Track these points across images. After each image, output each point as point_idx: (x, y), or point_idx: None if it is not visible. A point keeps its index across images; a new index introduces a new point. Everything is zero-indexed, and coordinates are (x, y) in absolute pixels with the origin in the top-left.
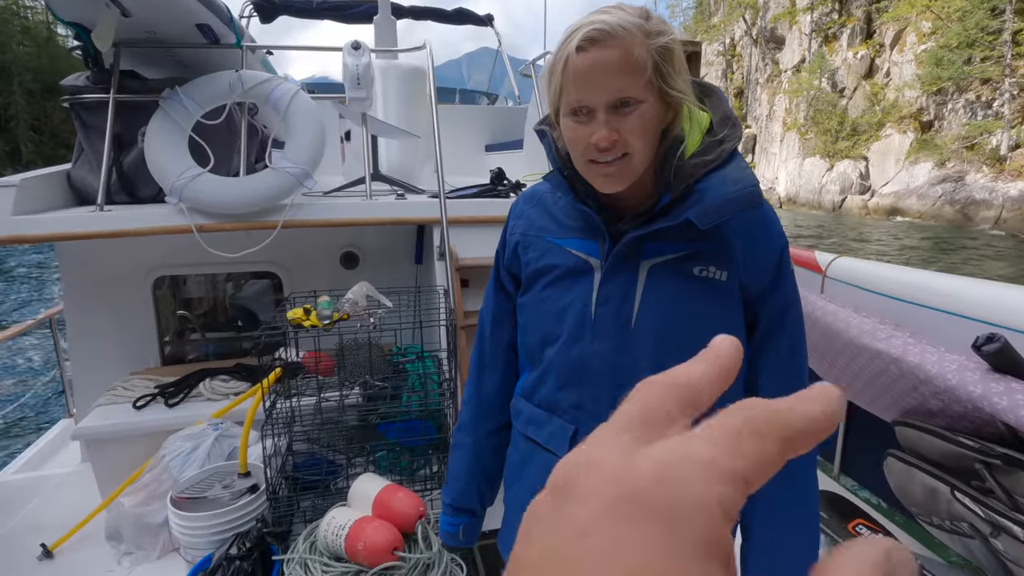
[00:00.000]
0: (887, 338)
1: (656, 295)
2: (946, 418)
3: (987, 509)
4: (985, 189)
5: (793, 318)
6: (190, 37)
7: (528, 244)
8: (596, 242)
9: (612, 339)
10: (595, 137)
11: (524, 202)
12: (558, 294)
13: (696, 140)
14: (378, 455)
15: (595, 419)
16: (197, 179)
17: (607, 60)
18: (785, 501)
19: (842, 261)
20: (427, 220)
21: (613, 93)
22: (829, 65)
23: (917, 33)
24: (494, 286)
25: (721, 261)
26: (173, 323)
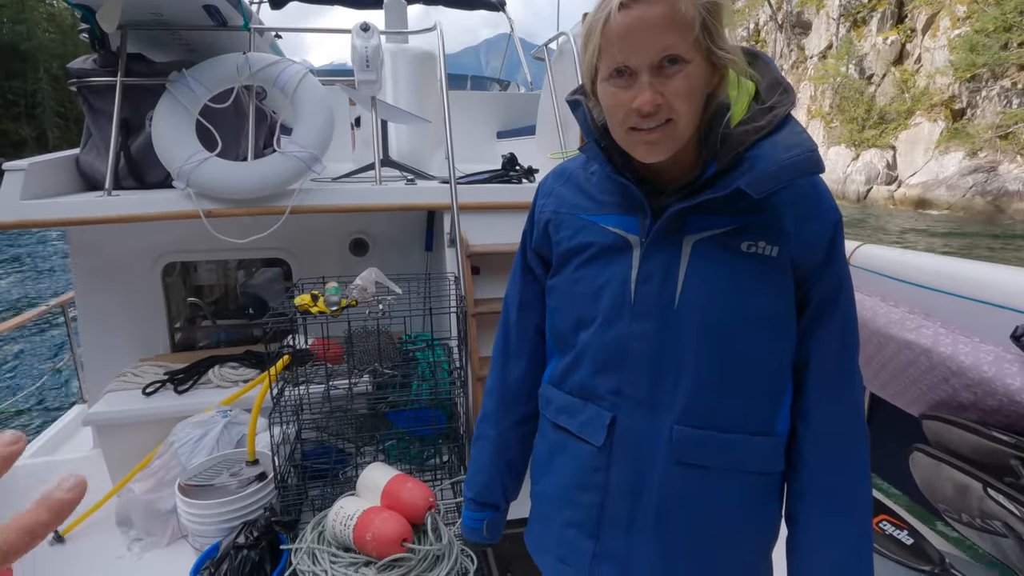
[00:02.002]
0: (917, 328)
1: (701, 272)
2: (978, 411)
3: (1022, 507)
4: (1019, 180)
5: (846, 297)
6: (197, 19)
7: (560, 222)
8: (635, 217)
9: (654, 320)
10: (638, 101)
11: (554, 180)
12: (594, 273)
13: (743, 107)
14: (388, 444)
15: (635, 405)
16: (204, 164)
17: (652, 16)
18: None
19: (867, 248)
20: (437, 206)
21: (658, 51)
22: (857, 51)
23: (951, 17)
24: (521, 269)
25: (771, 236)
26: (184, 310)
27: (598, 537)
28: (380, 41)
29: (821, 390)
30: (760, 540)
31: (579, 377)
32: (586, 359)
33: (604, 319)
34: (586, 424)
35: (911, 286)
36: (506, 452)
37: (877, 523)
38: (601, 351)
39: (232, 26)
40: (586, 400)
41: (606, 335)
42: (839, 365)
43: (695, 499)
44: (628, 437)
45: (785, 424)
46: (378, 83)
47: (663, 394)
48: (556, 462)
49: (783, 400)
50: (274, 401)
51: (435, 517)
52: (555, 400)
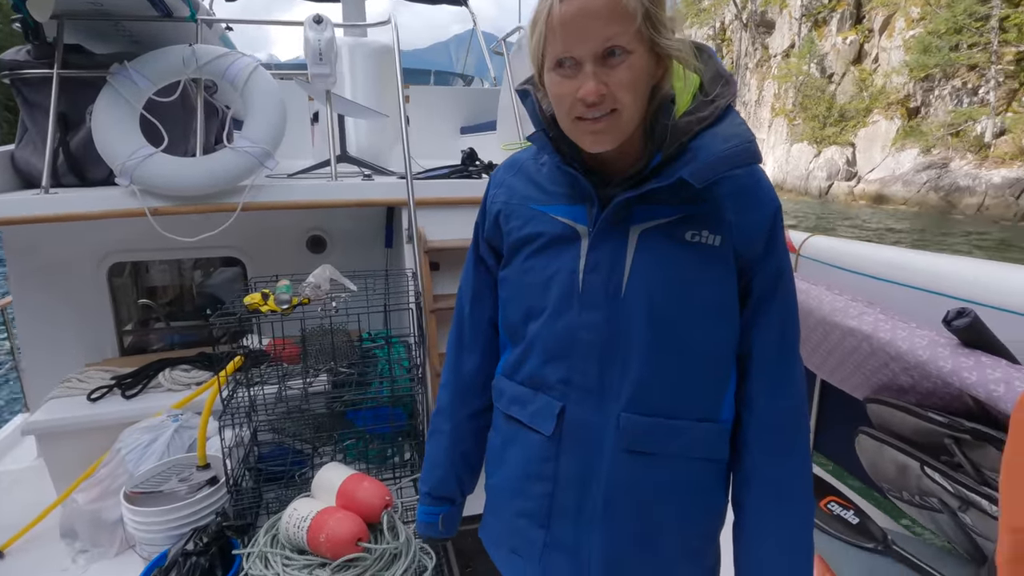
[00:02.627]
0: (859, 315)
1: (647, 261)
2: (916, 394)
3: (956, 484)
4: (969, 176)
5: (786, 286)
6: (139, 10)
7: (510, 213)
8: (583, 207)
9: (602, 309)
10: (582, 91)
11: (505, 171)
12: (543, 264)
13: (687, 99)
14: (347, 444)
15: (584, 394)
16: (149, 159)
17: (595, 6)
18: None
19: (815, 240)
20: (395, 202)
21: (601, 42)
22: (818, 50)
23: (906, 19)
24: (473, 261)
25: (714, 225)
26: (135, 312)
27: (548, 527)
28: (334, 34)
29: (763, 377)
30: (707, 525)
31: (530, 368)
32: (536, 349)
33: (553, 309)
34: (536, 414)
35: (855, 275)
36: (461, 445)
37: (825, 504)
38: (550, 341)
39: (178, 17)
40: (537, 390)
41: (555, 325)
42: (780, 353)
43: (643, 487)
44: (577, 426)
45: (730, 411)
46: (332, 77)
47: (611, 383)
48: (508, 453)
49: (727, 387)
50: (224, 403)
51: (391, 515)
52: (507, 391)
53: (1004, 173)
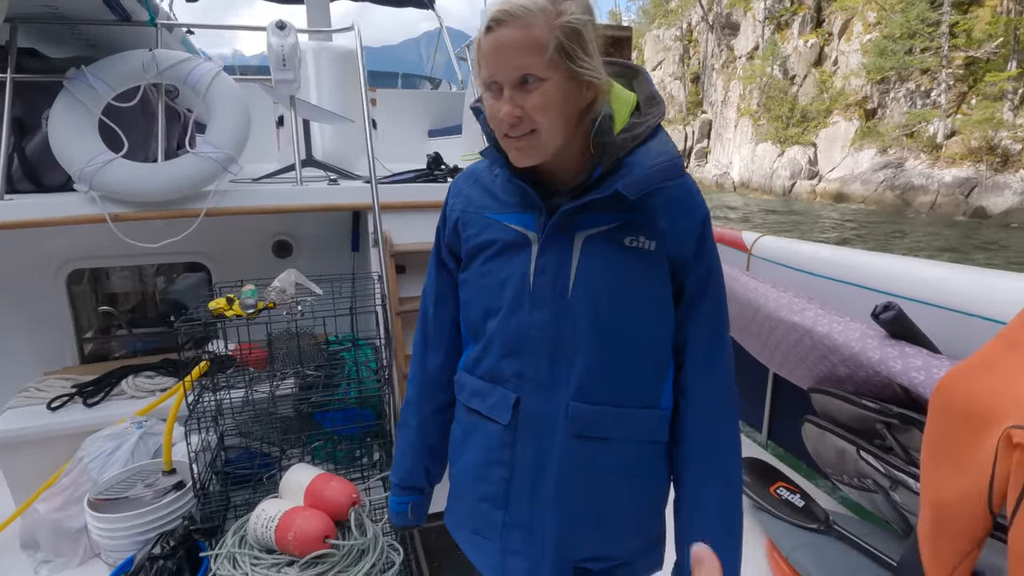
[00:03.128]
0: (801, 311)
1: (591, 265)
2: (853, 383)
3: (887, 465)
4: (922, 175)
5: (715, 286)
6: (96, 13)
7: (468, 221)
8: (533, 215)
9: (550, 308)
10: (501, 112)
11: (463, 180)
12: (498, 267)
13: (625, 117)
14: (315, 445)
15: (536, 386)
16: (109, 165)
17: (509, 39)
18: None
19: (765, 240)
20: (360, 206)
21: (516, 70)
22: (781, 52)
23: (863, 23)
24: (436, 265)
25: (649, 232)
26: (95, 319)
27: (507, 508)
28: (297, 40)
29: (697, 367)
30: (651, 501)
31: (488, 363)
32: (494, 346)
33: (508, 309)
34: (495, 405)
35: (799, 272)
36: (427, 438)
37: (775, 489)
38: (506, 338)
39: (136, 21)
40: (495, 383)
41: (510, 323)
42: (712, 345)
43: (591, 469)
44: (530, 415)
45: (668, 399)
46: (296, 82)
47: (560, 375)
48: (469, 443)
49: (666, 377)
50: (190, 408)
51: (359, 512)
52: (468, 385)
53: (955, 172)
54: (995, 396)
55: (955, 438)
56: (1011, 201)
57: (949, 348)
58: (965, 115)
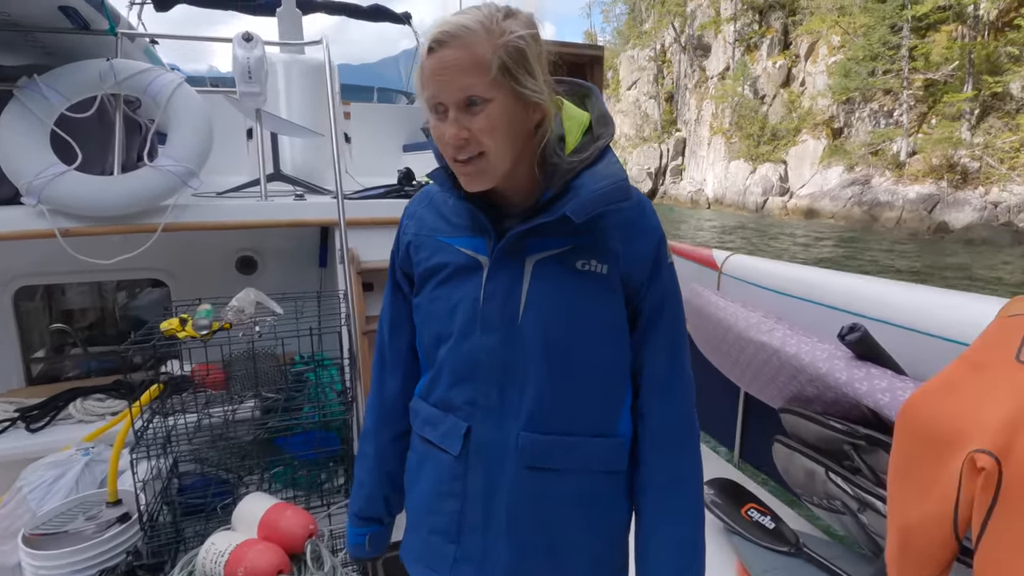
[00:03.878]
0: (769, 330)
1: (541, 289)
2: (821, 404)
3: (854, 487)
4: (888, 192)
5: (672, 309)
6: (52, 21)
7: (420, 244)
8: (483, 239)
9: (499, 333)
10: (447, 135)
11: (417, 203)
12: (449, 292)
13: (577, 137)
14: (275, 472)
15: (487, 414)
16: (61, 177)
17: (451, 60)
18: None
19: (736, 259)
20: (327, 222)
21: (459, 91)
22: (751, 73)
23: (828, 46)
24: (391, 288)
25: (601, 255)
26: (47, 338)
27: (459, 542)
28: (264, 52)
29: (654, 392)
30: (609, 532)
31: (440, 390)
32: (444, 373)
33: (458, 335)
34: (446, 434)
35: (768, 292)
36: (385, 466)
37: (745, 511)
38: (457, 364)
39: (95, 30)
40: (446, 412)
41: (460, 349)
42: (670, 369)
43: (544, 501)
44: (481, 445)
45: (627, 426)
46: (262, 95)
47: (510, 403)
48: (422, 473)
49: (623, 404)
50: (136, 435)
51: (316, 544)
52: (422, 412)
53: (918, 189)
54: (958, 419)
55: (920, 461)
56: (971, 217)
57: (914, 369)
58: (926, 134)
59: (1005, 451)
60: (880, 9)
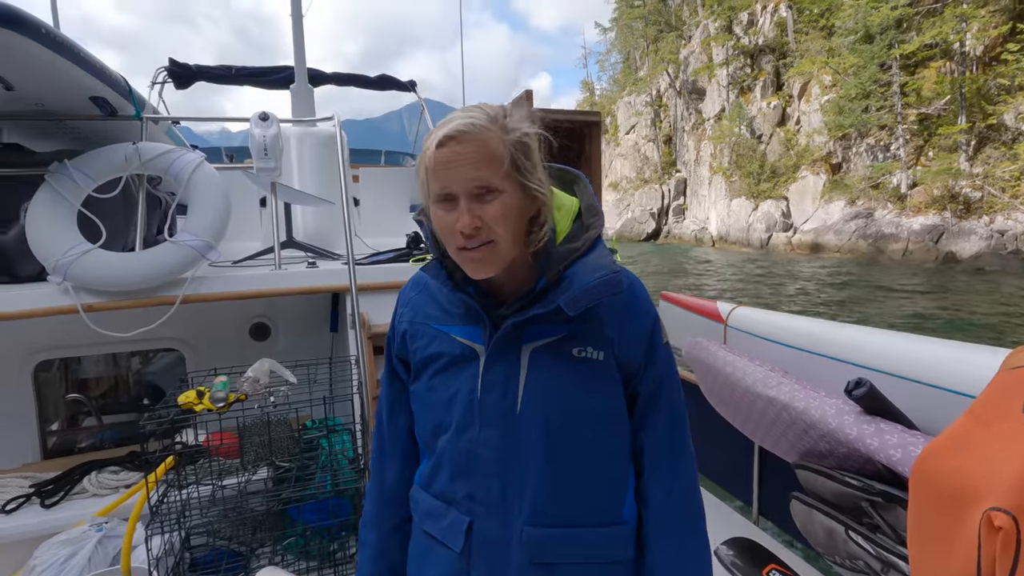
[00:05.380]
0: (777, 385)
1: (539, 378)
2: (835, 459)
3: (876, 546)
4: (892, 224)
5: (670, 390)
6: (84, 109)
7: (415, 332)
8: (479, 328)
9: (498, 426)
10: (459, 223)
11: (411, 289)
12: (446, 382)
13: (566, 226)
14: (286, 543)
15: (488, 509)
16: (86, 256)
17: (465, 153)
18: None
19: (741, 311)
20: (339, 288)
21: (473, 182)
22: (747, 114)
23: (820, 85)
24: (388, 374)
25: (596, 341)
26: (62, 409)
27: None
28: (279, 130)
29: (657, 473)
30: None
31: (440, 482)
32: (444, 465)
33: (456, 426)
34: (447, 529)
35: (774, 344)
36: (387, 557)
37: (767, 572)
38: (456, 457)
39: (123, 116)
40: (448, 504)
41: (459, 442)
42: (671, 451)
43: None
44: (484, 541)
45: (631, 511)
46: (278, 170)
47: (512, 497)
48: (425, 567)
49: (627, 488)
50: (152, 510)
51: None
52: (422, 503)
53: (922, 220)
54: (971, 476)
55: (938, 520)
56: (978, 246)
57: (923, 422)
58: (924, 166)
59: (1021, 509)
60: (868, 49)
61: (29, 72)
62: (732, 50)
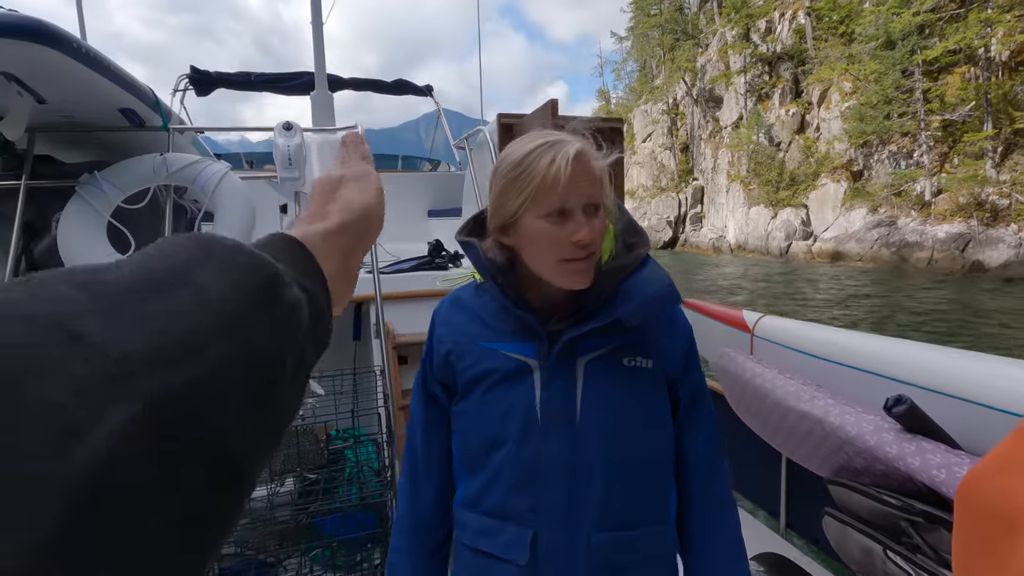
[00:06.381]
0: (810, 399)
1: (596, 389)
2: (871, 476)
3: (917, 568)
4: (916, 232)
5: (706, 398)
6: (112, 121)
7: (462, 352)
8: (532, 343)
9: (560, 436)
10: (579, 235)
11: (448, 308)
12: (499, 397)
13: (610, 247)
14: (313, 555)
15: (554, 519)
16: None
17: (584, 172)
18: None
19: (768, 320)
20: (362, 297)
21: (588, 198)
22: (765, 121)
23: (840, 92)
24: (423, 397)
25: (645, 351)
26: None
27: None
28: (303, 139)
29: (698, 473)
30: None
31: (495, 498)
32: (502, 479)
33: (516, 440)
34: (509, 544)
35: (806, 356)
36: None
37: None
38: (518, 470)
39: (150, 127)
40: (505, 520)
41: (520, 455)
42: (708, 451)
43: None
44: (551, 551)
45: (674, 510)
46: (301, 179)
47: (579, 505)
48: None
49: (672, 490)
50: None
51: None
52: (472, 524)
53: (947, 228)
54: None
55: (987, 545)
56: (1006, 255)
57: (967, 441)
58: (949, 173)
59: None
60: (889, 56)
61: (60, 85)
62: (750, 58)
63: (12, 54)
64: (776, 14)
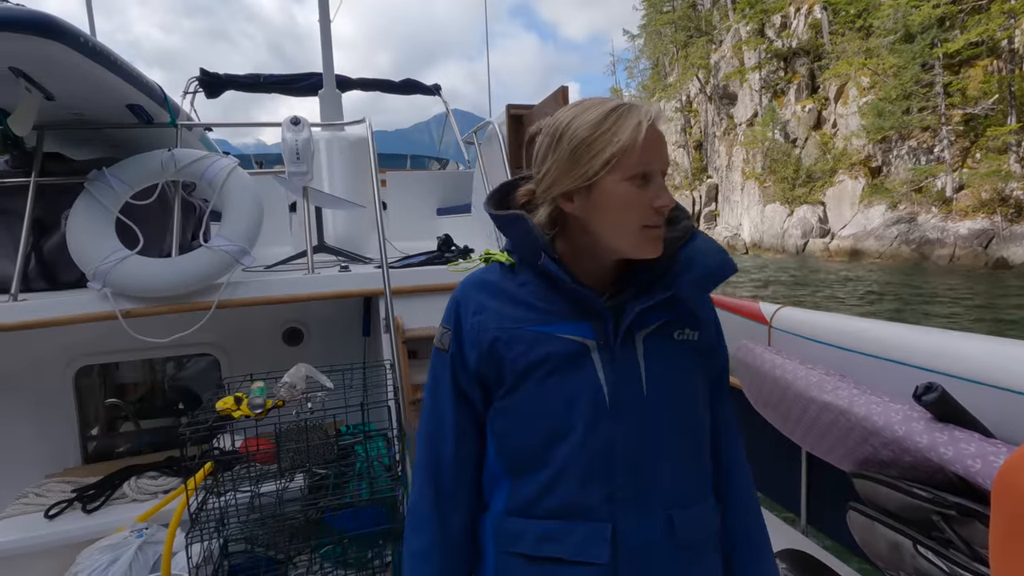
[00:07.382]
0: (833, 389)
1: (656, 363)
2: (898, 468)
3: (949, 563)
4: (937, 228)
5: (727, 368)
6: (121, 117)
7: (511, 339)
8: (588, 323)
9: (632, 416)
10: (661, 200)
11: (477, 293)
12: (558, 383)
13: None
14: (323, 552)
15: (630, 507)
16: (124, 262)
17: (662, 136)
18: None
19: (786, 311)
20: (371, 292)
21: (666, 163)
22: (780, 118)
23: (858, 87)
24: (453, 397)
25: (692, 323)
26: (101, 414)
27: None
28: (311, 134)
29: (731, 445)
30: None
31: (562, 495)
32: (568, 473)
33: (585, 428)
34: (583, 545)
35: (827, 347)
36: None
37: None
38: (586, 461)
39: (158, 123)
40: (575, 518)
41: (591, 443)
42: (732, 421)
43: None
44: (631, 543)
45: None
46: (309, 174)
47: (654, 485)
48: None
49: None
50: (192, 517)
51: None
52: (530, 531)
53: (969, 225)
54: None
55: None
56: None
57: (1001, 430)
58: (971, 168)
59: None
60: (908, 49)
61: (68, 81)
62: (764, 53)
63: (20, 49)
64: (791, 9)
